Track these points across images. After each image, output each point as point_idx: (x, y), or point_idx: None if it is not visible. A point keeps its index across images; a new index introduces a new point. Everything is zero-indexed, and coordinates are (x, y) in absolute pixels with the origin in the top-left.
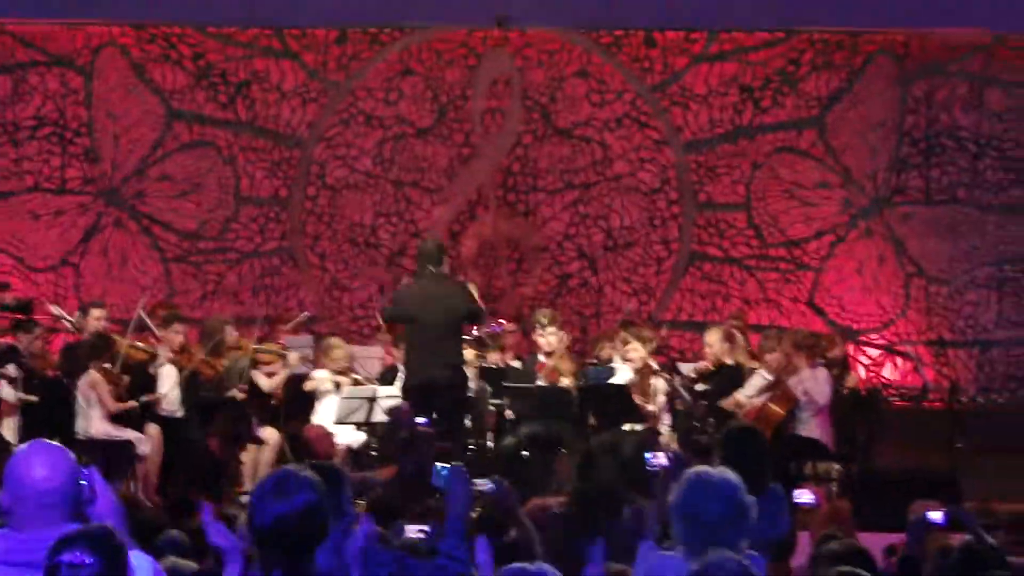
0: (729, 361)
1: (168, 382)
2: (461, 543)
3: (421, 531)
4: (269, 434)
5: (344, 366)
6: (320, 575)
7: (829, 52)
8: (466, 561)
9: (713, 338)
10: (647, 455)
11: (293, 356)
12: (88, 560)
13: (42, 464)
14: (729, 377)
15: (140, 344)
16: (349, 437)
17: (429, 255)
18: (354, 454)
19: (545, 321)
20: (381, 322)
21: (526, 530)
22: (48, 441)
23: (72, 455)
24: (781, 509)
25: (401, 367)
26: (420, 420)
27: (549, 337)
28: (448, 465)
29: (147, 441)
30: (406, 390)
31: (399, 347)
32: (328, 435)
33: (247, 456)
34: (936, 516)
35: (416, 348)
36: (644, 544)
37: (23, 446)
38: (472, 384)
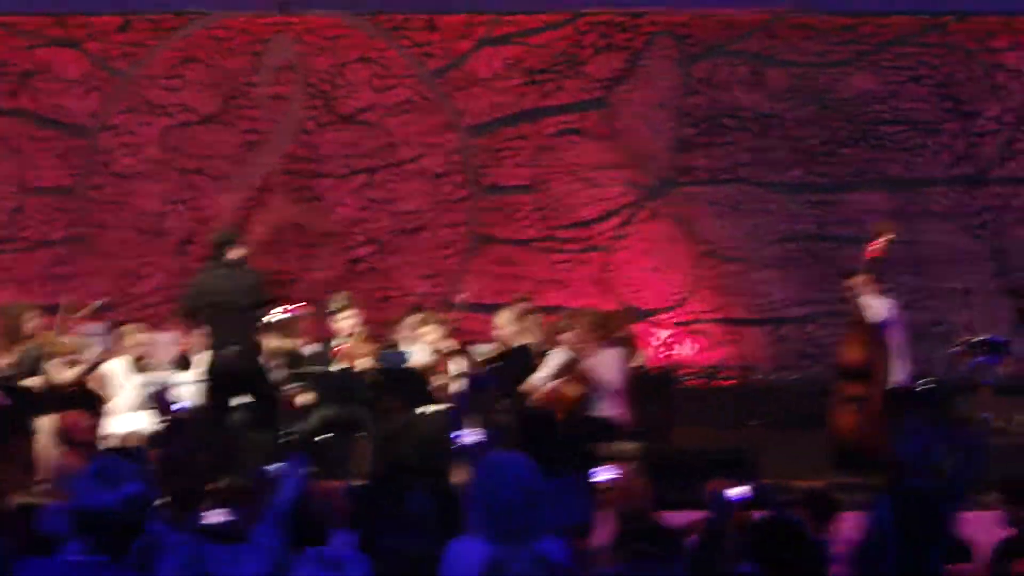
0: (522, 342)
1: None
2: (274, 529)
3: (223, 516)
4: (43, 423)
5: (140, 352)
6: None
7: (612, 34)
8: (276, 548)
9: (503, 320)
10: (454, 434)
11: (93, 349)
12: None
13: None
14: (522, 358)
15: None
16: (144, 424)
17: (221, 243)
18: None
19: (339, 306)
20: (178, 315)
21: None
22: None
23: None
24: (577, 492)
25: (194, 354)
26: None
27: (344, 321)
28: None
29: None
30: (206, 374)
31: (190, 334)
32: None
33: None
34: (739, 492)
35: (211, 335)
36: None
37: None
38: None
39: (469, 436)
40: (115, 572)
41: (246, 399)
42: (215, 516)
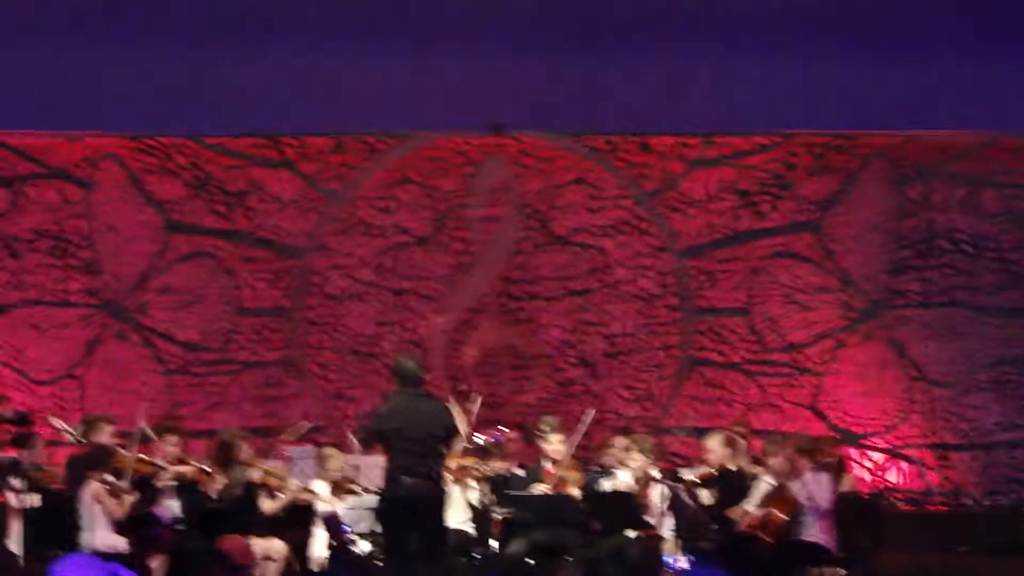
0: (731, 467)
1: (170, 495)
2: None
3: None
4: (276, 547)
5: (340, 476)
6: None
7: (825, 155)
8: None
9: (714, 443)
10: (666, 558)
11: (295, 482)
12: None
13: None
14: (732, 482)
15: (145, 457)
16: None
17: (406, 373)
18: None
19: (548, 429)
20: (357, 444)
21: None
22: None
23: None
24: None
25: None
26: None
27: (555, 444)
28: None
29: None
30: (385, 502)
31: None
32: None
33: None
34: None
35: (393, 462)
36: None
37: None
38: (476, 494)
39: (678, 562)
40: None
41: (424, 528)
42: None
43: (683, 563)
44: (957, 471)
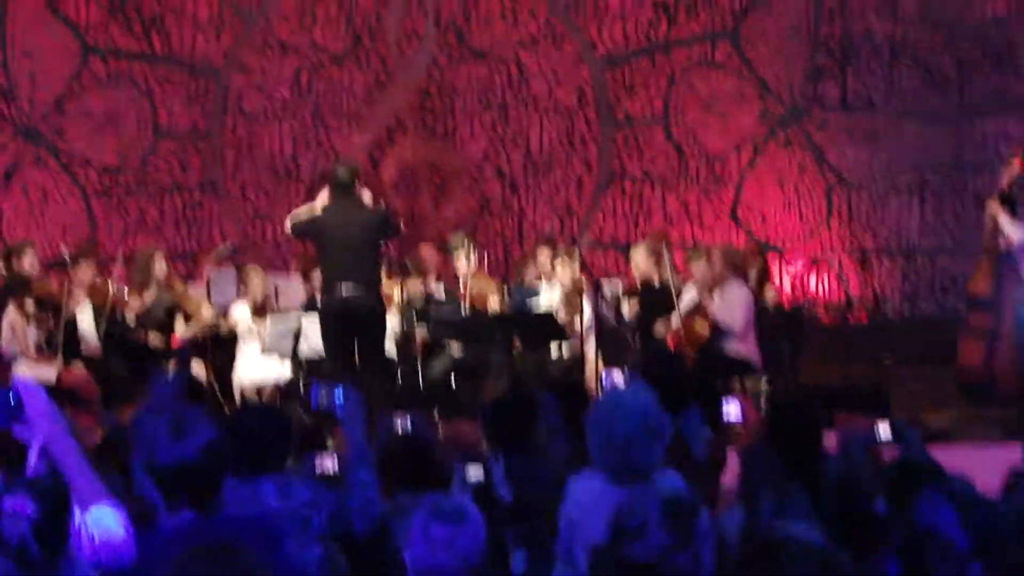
0: (655, 280)
1: (88, 321)
2: (371, 471)
3: (332, 461)
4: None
5: (262, 295)
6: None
7: None
8: (376, 488)
9: (639, 256)
10: (604, 372)
11: (210, 311)
12: (28, 510)
13: None
14: (655, 296)
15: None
16: (276, 372)
17: (341, 182)
18: (282, 390)
19: (457, 245)
20: (287, 231)
21: (443, 463)
22: None
23: None
24: (701, 429)
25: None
26: None
27: (465, 260)
28: (340, 389)
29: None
30: (324, 315)
31: (310, 279)
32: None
33: None
34: (884, 430)
35: (328, 267)
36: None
37: None
38: (395, 318)
39: (615, 376)
40: (210, 527)
41: (366, 336)
42: (327, 462)
43: (617, 377)
44: (877, 278)
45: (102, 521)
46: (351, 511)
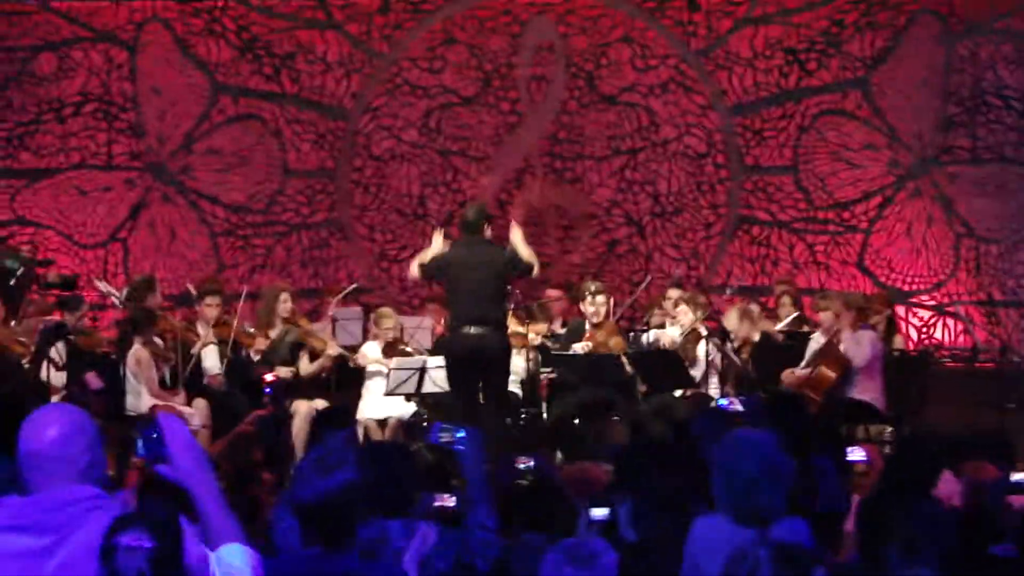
0: (755, 336)
1: (212, 357)
2: (491, 511)
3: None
4: (299, 407)
5: (394, 336)
6: (364, 552)
7: (873, 12)
8: (496, 529)
9: (731, 320)
10: (721, 400)
11: (335, 348)
12: (146, 543)
13: (52, 424)
14: (769, 347)
15: (187, 324)
16: (399, 409)
17: (469, 223)
18: (405, 426)
19: (592, 291)
20: (414, 273)
21: (568, 503)
22: (62, 404)
23: (87, 418)
24: (829, 476)
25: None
26: None
27: (597, 308)
28: (461, 428)
29: (196, 415)
30: (449, 356)
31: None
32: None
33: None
34: (1019, 478)
35: (455, 307)
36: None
37: (39, 409)
38: (521, 360)
39: (732, 404)
40: (335, 563)
41: (490, 377)
42: (448, 501)
43: (736, 405)
44: (1004, 328)
45: (231, 560)
46: (472, 551)
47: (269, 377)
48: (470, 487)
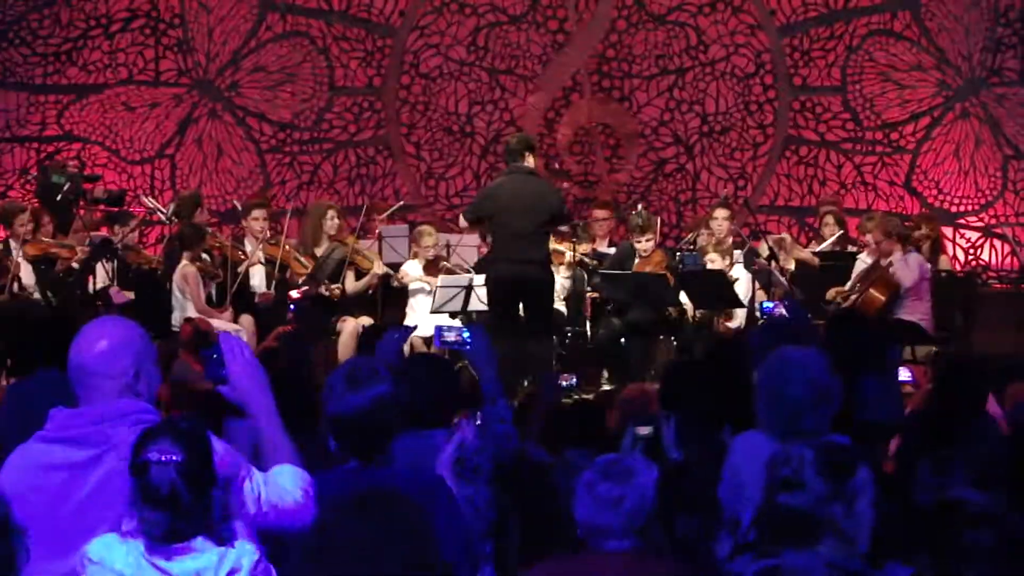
0: (790, 266)
1: (259, 275)
2: (505, 404)
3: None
4: (346, 325)
5: (435, 254)
6: (396, 466)
7: None
8: (511, 420)
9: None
10: (766, 304)
11: (381, 267)
12: (176, 456)
13: (101, 338)
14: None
15: (235, 241)
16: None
17: (513, 151)
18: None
19: (640, 223)
20: (464, 223)
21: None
22: (116, 317)
23: (138, 332)
24: (887, 392)
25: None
26: None
27: (644, 244)
28: (468, 326)
29: (243, 332)
30: (491, 281)
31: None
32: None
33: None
34: None
35: (499, 241)
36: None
37: (90, 323)
38: (565, 276)
39: (777, 308)
40: (373, 476)
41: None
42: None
43: (781, 309)
44: None
45: (282, 482)
46: (492, 446)
47: (295, 294)
48: (483, 383)
